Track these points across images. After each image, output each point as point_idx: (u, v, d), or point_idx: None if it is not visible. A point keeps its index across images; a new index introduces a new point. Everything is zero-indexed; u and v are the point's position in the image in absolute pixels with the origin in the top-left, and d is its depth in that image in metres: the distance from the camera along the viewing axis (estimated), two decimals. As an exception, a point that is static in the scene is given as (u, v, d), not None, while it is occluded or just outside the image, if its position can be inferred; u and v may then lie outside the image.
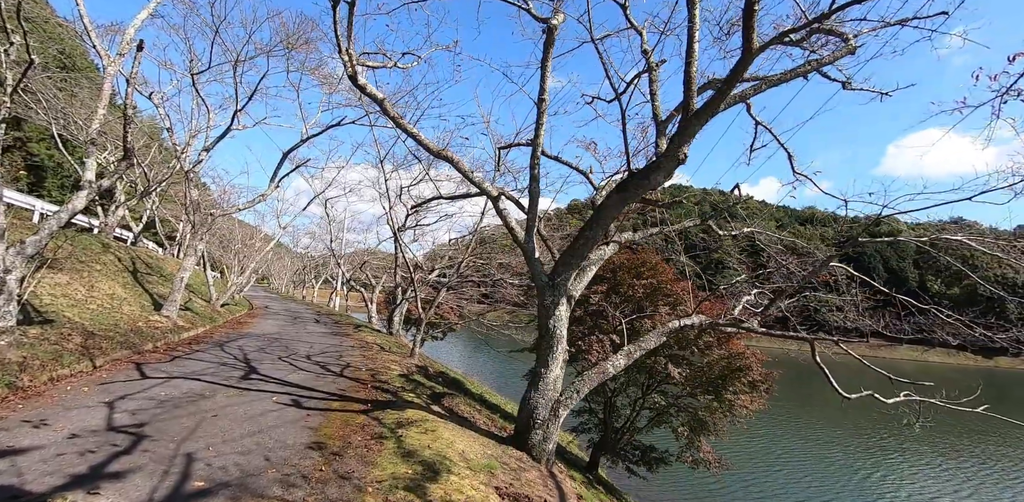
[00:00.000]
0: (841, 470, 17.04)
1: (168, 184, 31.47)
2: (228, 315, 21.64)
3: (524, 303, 20.90)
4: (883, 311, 10.35)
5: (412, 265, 16.24)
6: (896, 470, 17.78)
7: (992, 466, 19.25)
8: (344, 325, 23.38)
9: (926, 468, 18.34)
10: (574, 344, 11.07)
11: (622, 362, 7.36)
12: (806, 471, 16.59)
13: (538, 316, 6.99)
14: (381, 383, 9.61)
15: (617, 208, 6.43)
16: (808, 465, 17.28)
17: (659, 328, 7.84)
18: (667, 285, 10.91)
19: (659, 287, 10.88)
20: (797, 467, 17.04)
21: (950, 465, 18.80)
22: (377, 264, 35.40)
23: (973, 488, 16.42)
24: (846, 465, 17.64)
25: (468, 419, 8.34)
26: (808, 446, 19.79)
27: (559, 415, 6.97)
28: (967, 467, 18.74)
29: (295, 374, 9.75)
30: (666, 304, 11.15)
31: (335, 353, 13.38)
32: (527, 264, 6.88)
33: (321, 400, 7.79)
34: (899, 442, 21.51)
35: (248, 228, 44.22)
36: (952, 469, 18.30)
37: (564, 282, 6.87)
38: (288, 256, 69.82)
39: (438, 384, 11.67)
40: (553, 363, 6.91)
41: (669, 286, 10.92)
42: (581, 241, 6.66)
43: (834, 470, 16.97)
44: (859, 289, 10.34)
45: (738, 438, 18.18)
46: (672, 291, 11.04)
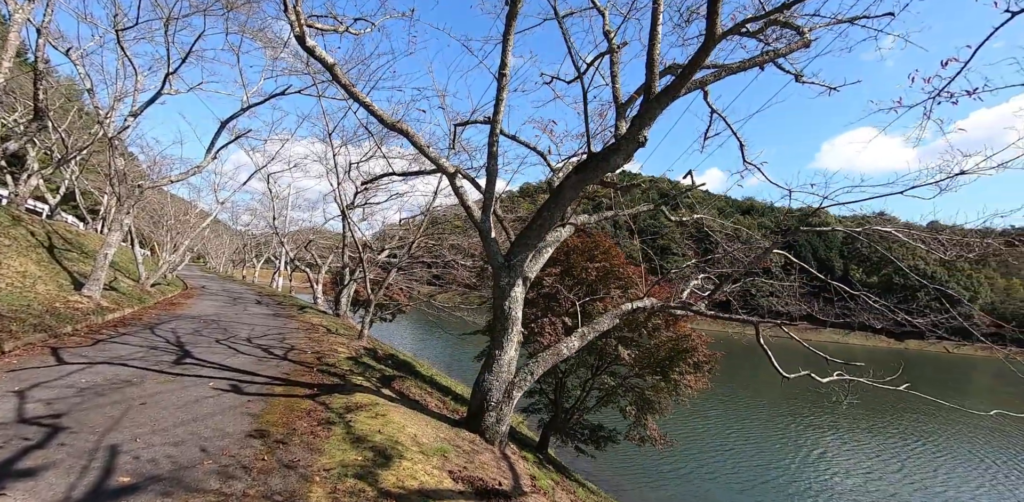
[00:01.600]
0: (784, 447, 18.12)
1: (90, 152, 28.83)
2: (159, 296, 20.31)
3: (475, 285, 20.80)
4: (815, 297, 10.99)
5: (361, 245, 15.69)
6: (831, 446, 19.18)
7: (914, 439, 21.19)
8: (288, 306, 22.48)
9: (856, 444, 19.92)
10: (527, 326, 11.08)
11: (576, 343, 7.41)
12: (752, 449, 17.52)
13: (493, 297, 6.87)
14: (328, 366, 9.28)
15: (575, 189, 6.36)
16: (754, 444, 18.24)
17: (612, 310, 7.93)
18: (619, 268, 11.07)
19: (611, 270, 11.02)
20: (743, 445, 17.97)
21: (878, 440, 20.51)
22: (323, 243, 34.16)
23: (900, 462, 18.01)
24: (788, 442, 18.81)
25: (419, 402, 8.20)
26: (752, 425, 20.94)
27: (513, 397, 6.95)
28: (892, 442, 20.46)
29: (235, 358, 9.23)
30: (618, 287, 11.33)
31: (278, 336, 12.82)
32: (483, 244, 6.72)
33: (263, 385, 7.41)
34: (832, 419, 23.21)
35: (182, 203, 41.44)
36: (880, 444, 19.99)
37: (520, 263, 6.78)
38: (227, 234, 66.24)
39: (388, 367, 11.43)
40: (508, 345, 6.85)
41: (621, 269, 11.08)
42: (539, 222, 6.56)
43: (778, 448, 18.04)
44: (797, 275, 10.90)
45: (686, 418, 19.05)
46: (624, 274, 11.22)
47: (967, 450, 20.11)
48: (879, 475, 16.30)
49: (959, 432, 23.24)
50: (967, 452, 19.85)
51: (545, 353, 7.20)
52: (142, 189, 15.83)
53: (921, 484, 15.89)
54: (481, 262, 12.35)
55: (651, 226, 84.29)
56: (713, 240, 10.72)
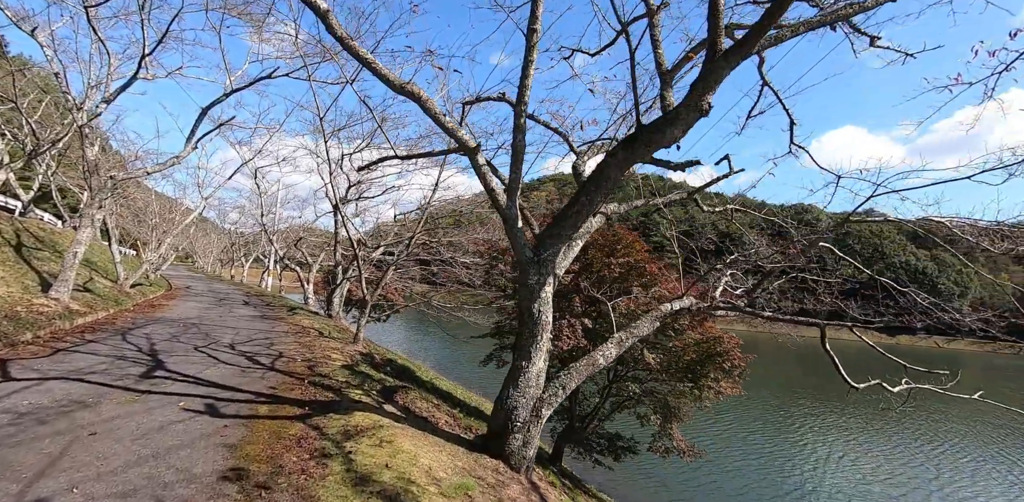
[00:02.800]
0: (813, 454, 17.04)
1: (66, 145, 27.26)
2: (140, 297, 19.01)
3: (474, 284, 19.66)
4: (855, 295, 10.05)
5: (355, 241, 14.52)
6: (853, 449, 18.17)
7: (947, 443, 20.20)
8: (277, 307, 21.24)
9: (887, 446, 18.89)
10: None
11: (613, 351, 6.35)
12: (781, 456, 16.33)
13: (519, 298, 5.79)
14: (321, 377, 8.14)
15: (621, 168, 5.29)
16: (782, 450, 17.04)
17: (653, 312, 6.88)
18: (643, 264, 10.03)
19: (635, 266, 9.99)
20: (771, 452, 16.77)
21: (904, 443, 19.49)
22: (314, 241, 32.85)
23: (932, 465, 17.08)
24: (817, 448, 17.68)
25: (428, 420, 7.11)
26: (778, 430, 19.68)
27: (542, 416, 5.88)
28: (934, 449, 19.37)
29: (213, 369, 8.06)
30: (641, 285, 10.30)
31: (265, 341, 11.63)
32: (508, 235, 5.62)
33: (245, 404, 6.27)
34: (843, 420, 22.24)
35: (167, 200, 39.90)
36: (906, 448, 19.00)
37: (552, 258, 5.70)
38: (215, 232, 64.57)
39: (387, 375, 10.30)
40: (536, 355, 5.78)
41: (645, 265, 10.05)
42: (575, 209, 5.48)
43: (806, 454, 16.92)
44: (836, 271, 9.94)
45: (704, 424, 17.96)
46: (647, 271, 10.18)
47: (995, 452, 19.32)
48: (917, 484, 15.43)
49: (980, 431, 22.48)
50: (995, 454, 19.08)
51: (579, 363, 6.13)
52: (115, 181, 14.53)
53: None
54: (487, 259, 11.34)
55: (643, 223, 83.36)
56: (744, 234, 9.76)
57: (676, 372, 10.00)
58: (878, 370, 7.19)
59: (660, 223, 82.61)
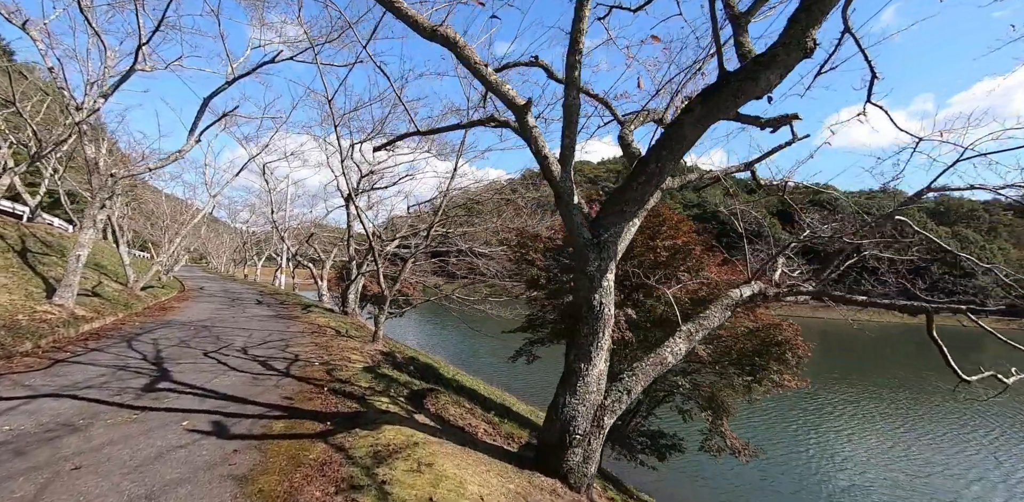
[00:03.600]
0: (862, 445, 15.73)
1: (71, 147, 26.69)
2: (151, 300, 18.40)
3: (492, 274, 18.73)
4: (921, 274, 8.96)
5: (370, 234, 13.66)
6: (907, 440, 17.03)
7: (999, 429, 18.89)
8: (291, 306, 20.55)
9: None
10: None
11: (683, 347, 5.41)
12: (829, 448, 15.11)
13: (575, 289, 4.85)
14: (342, 383, 7.30)
15: (699, 127, 4.29)
16: (828, 441, 15.77)
17: (722, 300, 5.91)
18: (691, 247, 9.02)
19: (681, 249, 8.98)
20: (817, 443, 15.55)
21: (968, 432, 18.21)
22: (326, 236, 32.16)
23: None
24: (864, 438, 16.37)
25: (465, 430, 6.24)
26: (819, 420, 18.20)
27: (604, 426, 4.97)
28: (986, 435, 18.01)
29: (223, 377, 7.26)
30: (686, 270, 9.30)
31: (280, 342, 10.85)
32: (562, 213, 4.67)
33: (257, 419, 5.43)
34: (904, 407, 20.92)
35: (178, 202, 39.48)
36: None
37: (614, 239, 4.75)
38: (227, 233, 64.42)
39: (413, 377, 9.47)
40: (597, 355, 4.85)
41: (693, 248, 9.04)
42: (640, 180, 4.50)
43: (854, 445, 15.53)
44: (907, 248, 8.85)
45: (741, 416, 16.84)
46: (694, 254, 9.18)
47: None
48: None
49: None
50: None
51: (644, 363, 5.19)
52: (116, 179, 13.78)
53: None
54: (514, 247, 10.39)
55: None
56: (801, 212, 8.70)
57: (729, 364, 9.04)
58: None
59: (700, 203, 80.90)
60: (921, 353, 34.10)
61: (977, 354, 34.37)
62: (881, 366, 30.33)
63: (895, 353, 35.59)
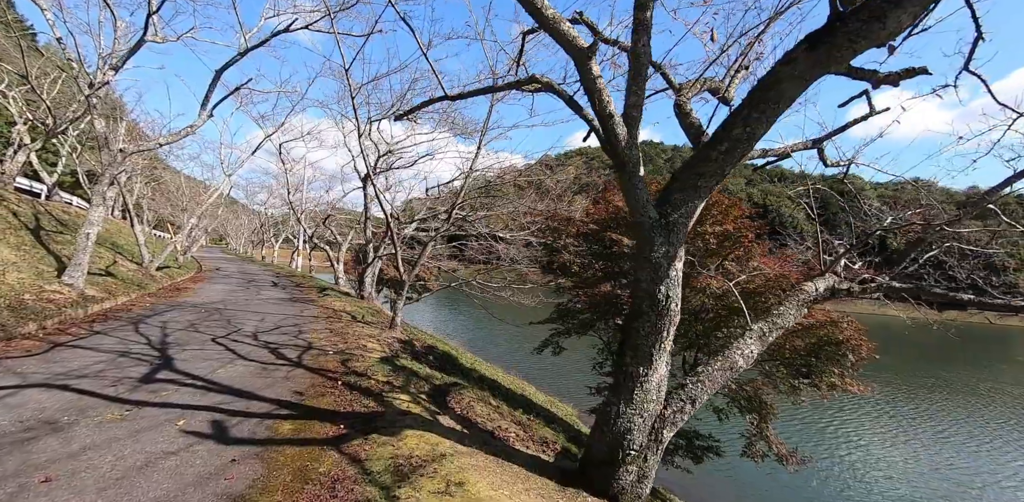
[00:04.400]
0: (907, 449, 14.50)
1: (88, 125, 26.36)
2: (166, 280, 18.07)
3: (498, 262, 17.91)
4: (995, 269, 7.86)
5: (388, 215, 12.96)
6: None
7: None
8: (307, 289, 20.10)
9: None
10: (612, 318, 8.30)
11: (755, 348, 4.61)
12: (872, 452, 13.99)
13: (635, 278, 4.05)
14: (358, 376, 6.65)
15: (802, 81, 3.42)
16: (868, 444, 14.59)
17: (797, 295, 5.08)
18: (742, 233, 8.12)
19: (730, 236, 8.10)
20: (858, 445, 14.44)
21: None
22: (343, 219, 31.69)
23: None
24: (907, 442, 15.05)
25: (494, 434, 5.55)
26: (859, 421, 16.87)
27: (662, 440, 4.22)
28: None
29: (230, 367, 6.65)
30: (735, 259, 8.43)
31: (293, 328, 10.27)
32: (623, 187, 3.84)
33: (263, 419, 4.79)
34: (941, 407, 19.60)
35: (197, 184, 39.40)
36: None
37: (684, 220, 3.93)
38: (245, 214, 64.72)
39: (434, 369, 8.81)
40: (659, 357, 4.08)
41: (744, 234, 8.13)
42: (724, 147, 3.66)
43: (898, 450, 14.35)
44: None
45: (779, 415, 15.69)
46: (744, 241, 8.28)
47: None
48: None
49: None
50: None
51: (711, 368, 4.41)
52: (125, 154, 13.22)
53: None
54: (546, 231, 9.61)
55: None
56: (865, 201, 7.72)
57: (780, 364, 8.21)
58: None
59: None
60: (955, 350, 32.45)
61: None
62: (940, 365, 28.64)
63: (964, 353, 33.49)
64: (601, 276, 8.88)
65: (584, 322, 10.19)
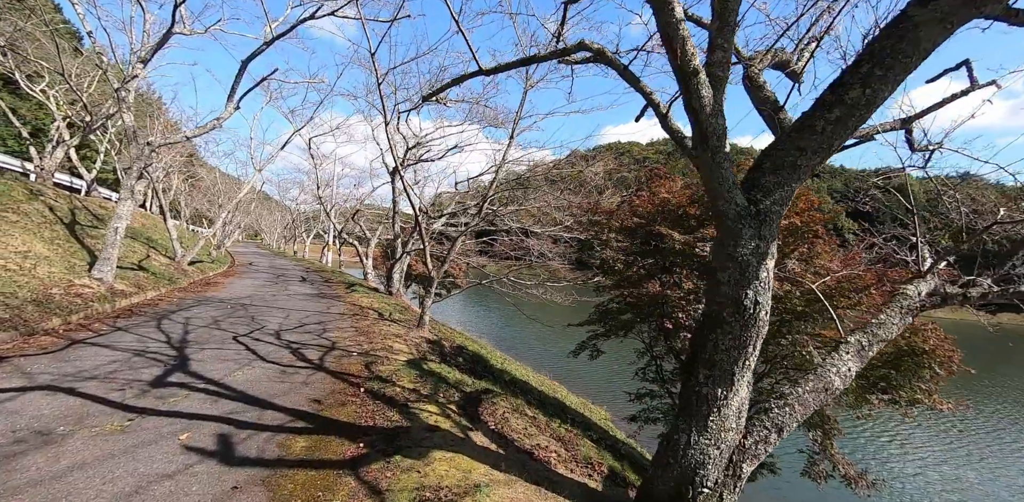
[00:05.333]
0: (984, 467, 13.05)
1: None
2: (197, 274, 18.08)
3: (530, 258, 17.16)
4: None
5: (417, 209, 12.43)
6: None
7: None
8: (335, 284, 19.87)
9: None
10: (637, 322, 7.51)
11: (852, 366, 3.81)
12: (942, 471, 12.55)
13: (718, 279, 3.28)
14: (382, 382, 6.09)
15: (942, 27, 2.62)
16: (937, 462, 13.14)
17: (900, 301, 4.23)
18: (812, 228, 7.20)
19: (797, 230, 7.20)
20: (929, 462, 13.03)
21: None
22: (372, 214, 31.56)
23: None
24: (982, 459, 13.64)
25: (533, 455, 4.89)
26: (926, 436, 15.22)
27: (741, 475, 3.49)
28: None
29: (247, 369, 6.19)
30: (799, 257, 7.52)
31: (318, 326, 9.84)
32: (702, 162, 3.06)
33: (275, 433, 4.25)
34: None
35: (232, 181, 40.07)
36: None
37: (779, 208, 3.17)
38: (277, 210, 65.92)
39: (464, 372, 8.22)
40: (742, 377, 3.34)
41: (816, 228, 7.21)
42: (835, 115, 2.88)
43: (975, 468, 12.96)
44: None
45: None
46: (812, 237, 7.37)
47: None
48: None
49: None
50: None
51: (801, 389, 3.64)
52: (152, 147, 13.08)
53: None
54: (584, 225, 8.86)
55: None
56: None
57: (861, 377, 7.27)
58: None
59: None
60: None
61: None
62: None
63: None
64: (645, 274, 8.11)
65: (624, 323, 9.44)
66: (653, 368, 9.27)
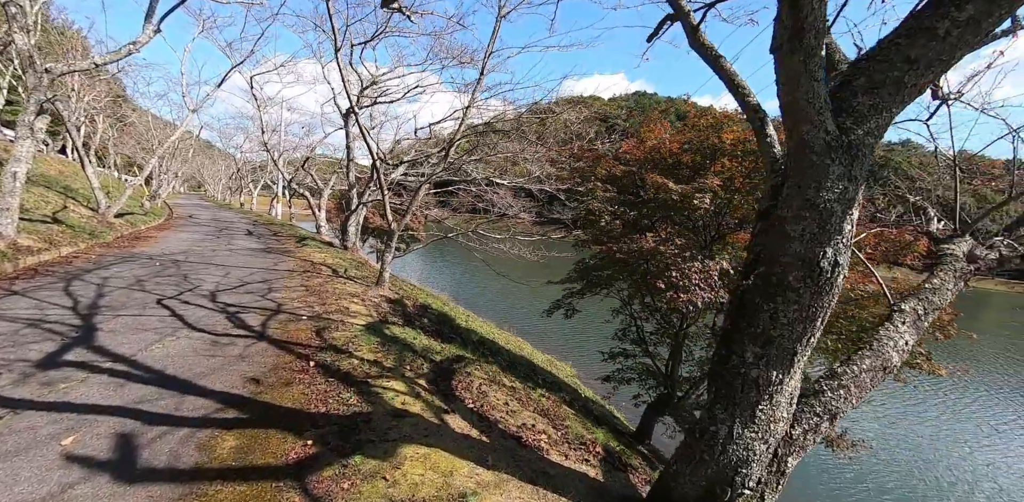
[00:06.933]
0: (979, 442, 12.66)
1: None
2: (126, 228, 16.18)
3: (480, 211, 16.24)
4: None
5: (375, 155, 11.10)
6: None
7: None
8: (284, 238, 18.36)
9: None
10: (650, 277, 6.84)
11: (909, 338, 3.20)
12: (938, 444, 12.14)
13: (777, 233, 2.48)
14: (337, 352, 5.19)
15: None
16: (933, 434, 12.70)
17: (952, 264, 3.61)
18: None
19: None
20: (923, 434, 12.58)
21: None
22: (324, 163, 29.41)
23: None
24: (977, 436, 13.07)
25: (523, 441, 4.18)
26: (920, 405, 14.76)
27: (786, 470, 2.88)
28: None
29: (170, 341, 5.12)
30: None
31: (261, 285, 8.70)
32: (789, 69, 2.14)
33: (196, 428, 3.32)
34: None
35: (168, 126, 36.20)
36: None
37: (872, 140, 2.35)
38: (221, 159, 61.31)
39: (430, 335, 7.40)
40: (802, 356, 2.65)
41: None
42: (964, 14, 2.02)
43: (970, 443, 12.51)
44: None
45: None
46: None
47: None
48: None
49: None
50: None
51: (855, 366, 3.00)
52: (52, 75, 10.94)
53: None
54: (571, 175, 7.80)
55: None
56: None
57: (839, 339, 6.92)
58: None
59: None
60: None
61: None
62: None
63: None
64: (633, 228, 7.36)
65: (602, 280, 8.81)
66: (636, 329, 8.77)
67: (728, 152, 7.04)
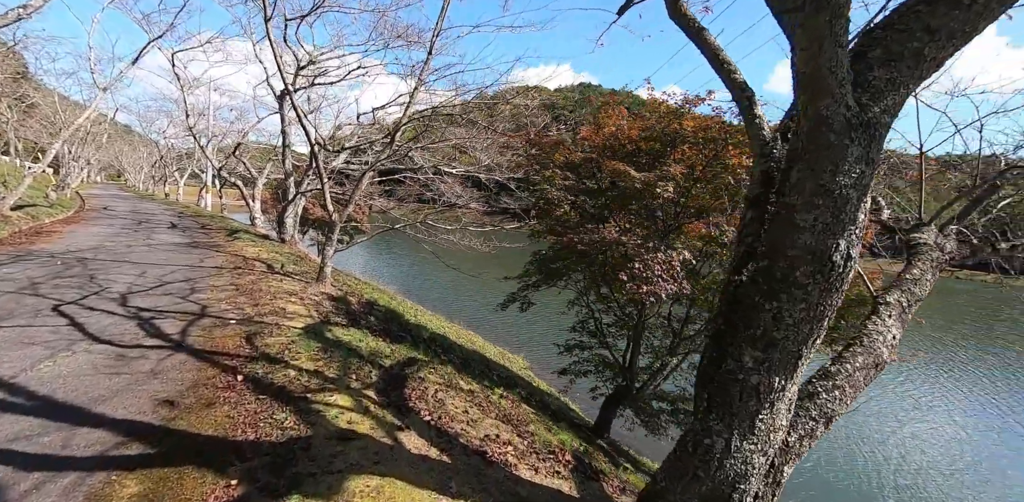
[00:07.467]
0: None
1: None
2: (26, 222, 14.36)
3: (427, 202, 15.75)
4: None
5: (314, 142, 10.22)
6: None
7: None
8: (214, 231, 16.91)
9: None
10: (612, 271, 6.59)
11: (896, 332, 3.04)
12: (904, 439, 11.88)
13: (790, 223, 2.18)
14: (270, 362, 4.56)
15: None
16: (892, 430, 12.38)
17: (930, 253, 3.48)
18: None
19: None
20: (885, 430, 12.29)
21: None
22: (258, 150, 27.51)
23: None
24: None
25: (488, 456, 3.75)
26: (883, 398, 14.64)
27: (782, 481, 2.64)
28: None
29: (64, 357, 4.31)
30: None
31: (184, 284, 7.77)
32: (810, 31, 1.81)
33: (89, 471, 2.68)
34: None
35: (78, 108, 32.58)
36: None
37: (888, 119, 2.07)
38: (143, 146, 56.42)
39: (378, 335, 6.83)
40: (806, 357, 2.38)
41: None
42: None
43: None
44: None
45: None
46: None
47: None
48: None
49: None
50: None
51: (849, 365, 2.79)
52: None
53: None
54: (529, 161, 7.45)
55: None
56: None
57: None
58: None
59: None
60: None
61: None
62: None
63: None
64: (592, 217, 7.07)
65: (557, 272, 8.52)
66: (593, 322, 8.56)
67: (689, 139, 6.85)
